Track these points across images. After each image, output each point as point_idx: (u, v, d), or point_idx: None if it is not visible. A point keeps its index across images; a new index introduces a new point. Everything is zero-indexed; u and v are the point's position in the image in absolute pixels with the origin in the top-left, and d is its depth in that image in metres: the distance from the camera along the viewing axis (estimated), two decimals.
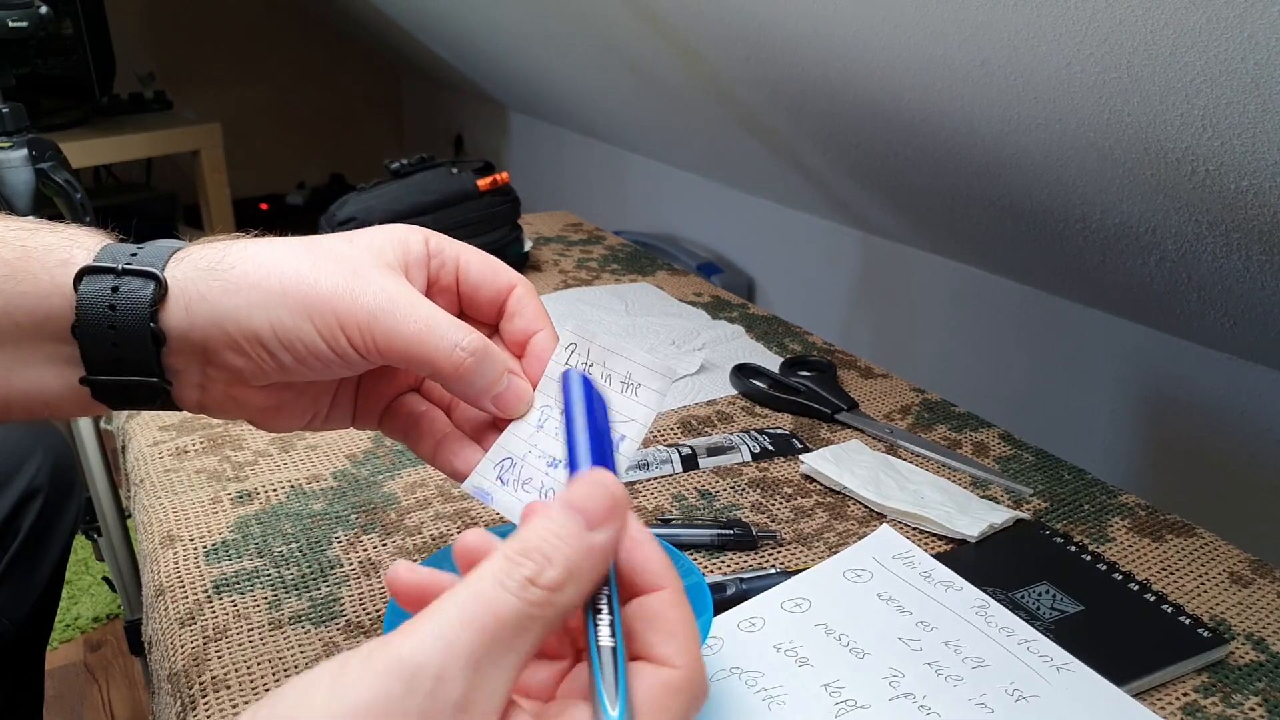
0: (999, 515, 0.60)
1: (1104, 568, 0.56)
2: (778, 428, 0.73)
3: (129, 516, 0.86)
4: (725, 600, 0.51)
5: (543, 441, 0.40)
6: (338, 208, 0.98)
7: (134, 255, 0.37)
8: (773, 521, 0.61)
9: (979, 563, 0.56)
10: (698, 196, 1.86)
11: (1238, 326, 0.91)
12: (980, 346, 1.31)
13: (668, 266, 1.11)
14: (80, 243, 0.38)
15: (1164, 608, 0.52)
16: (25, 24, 1.06)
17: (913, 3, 0.76)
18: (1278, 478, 0.96)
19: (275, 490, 0.63)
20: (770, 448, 0.69)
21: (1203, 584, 0.56)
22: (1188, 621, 0.51)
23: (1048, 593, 0.53)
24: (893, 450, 0.70)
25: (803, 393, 0.76)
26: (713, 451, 0.68)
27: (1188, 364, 1.03)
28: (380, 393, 0.43)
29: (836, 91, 0.99)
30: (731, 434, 0.71)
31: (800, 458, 0.67)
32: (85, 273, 0.36)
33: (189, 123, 2.35)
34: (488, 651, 0.25)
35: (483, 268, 0.41)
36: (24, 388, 0.37)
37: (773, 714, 0.43)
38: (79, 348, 0.37)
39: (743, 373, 0.80)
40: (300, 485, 0.64)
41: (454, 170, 1.03)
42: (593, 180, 2.24)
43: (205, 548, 0.57)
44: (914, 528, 0.60)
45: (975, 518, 0.59)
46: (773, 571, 0.54)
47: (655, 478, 0.65)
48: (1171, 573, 0.57)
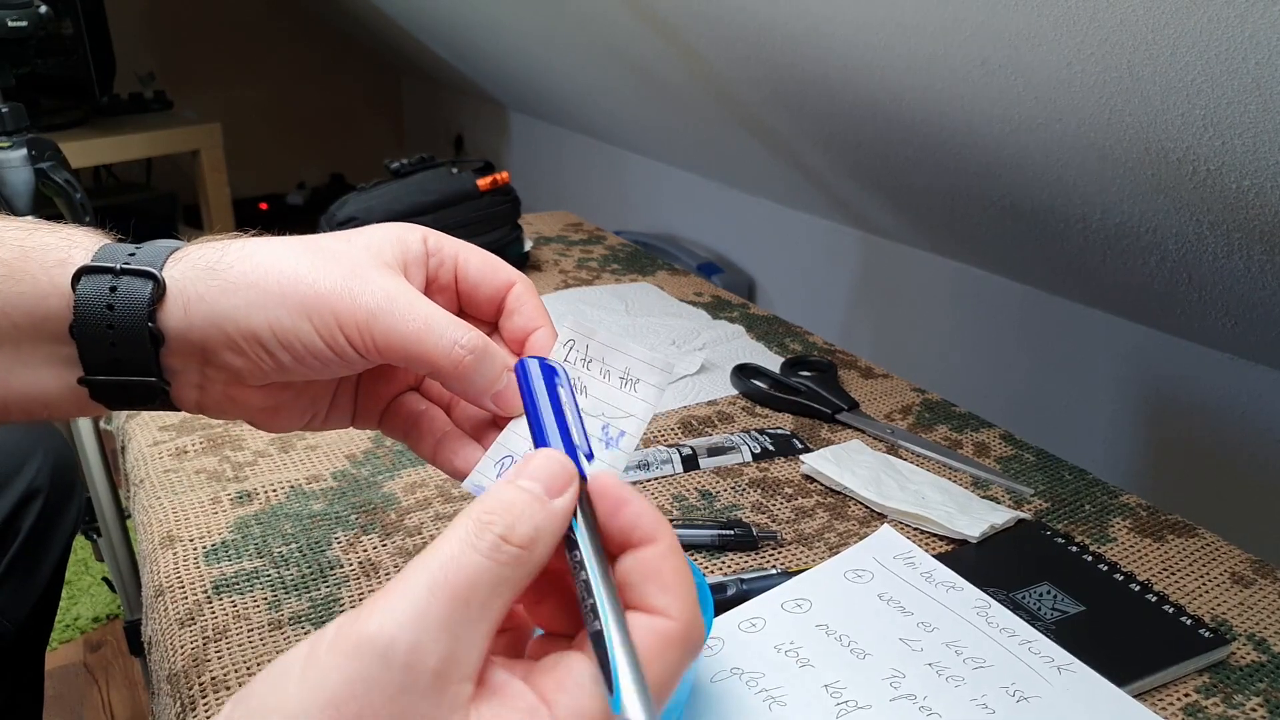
0: (1000, 515, 0.60)
1: (1105, 568, 0.55)
2: (778, 428, 0.72)
3: (129, 517, 0.86)
4: (726, 601, 0.51)
5: None
6: (338, 208, 0.98)
7: (132, 255, 0.37)
8: (773, 522, 0.61)
9: (980, 563, 0.56)
10: (698, 196, 1.86)
11: (1239, 326, 0.91)
12: (981, 346, 1.31)
13: (668, 266, 1.11)
14: (78, 243, 0.38)
15: (1165, 608, 0.52)
16: (25, 24, 1.06)
17: (913, 3, 0.76)
18: (1279, 478, 0.96)
19: (275, 490, 0.63)
20: (771, 448, 0.69)
21: (1204, 584, 0.56)
22: (1189, 622, 0.51)
23: (1049, 593, 0.53)
24: (893, 450, 0.70)
25: (803, 393, 0.76)
26: (713, 452, 0.68)
27: (1189, 364, 1.03)
28: (380, 392, 0.43)
29: (837, 91, 0.99)
30: (732, 434, 0.71)
31: (801, 458, 0.67)
32: (83, 273, 0.36)
33: (189, 123, 2.35)
34: (462, 616, 0.25)
35: (481, 266, 0.41)
36: (22, 388, 0.37)
37: (773, 714, 0.43)
38: (77, 348, 0.37)
39: (743, 373, 0.79)
40: (300, 485, 0.64)
41: (454, 170, 1.02)
42: (593, 180, 2.24)
43: (205, 548, 0.57)
44: (915, 528, 0.60)
45: (976, 518, 0.59)
46: (773, 572, 0.54)
47: (656, 478, 0.65)
48: (1173, 573, 0.57)
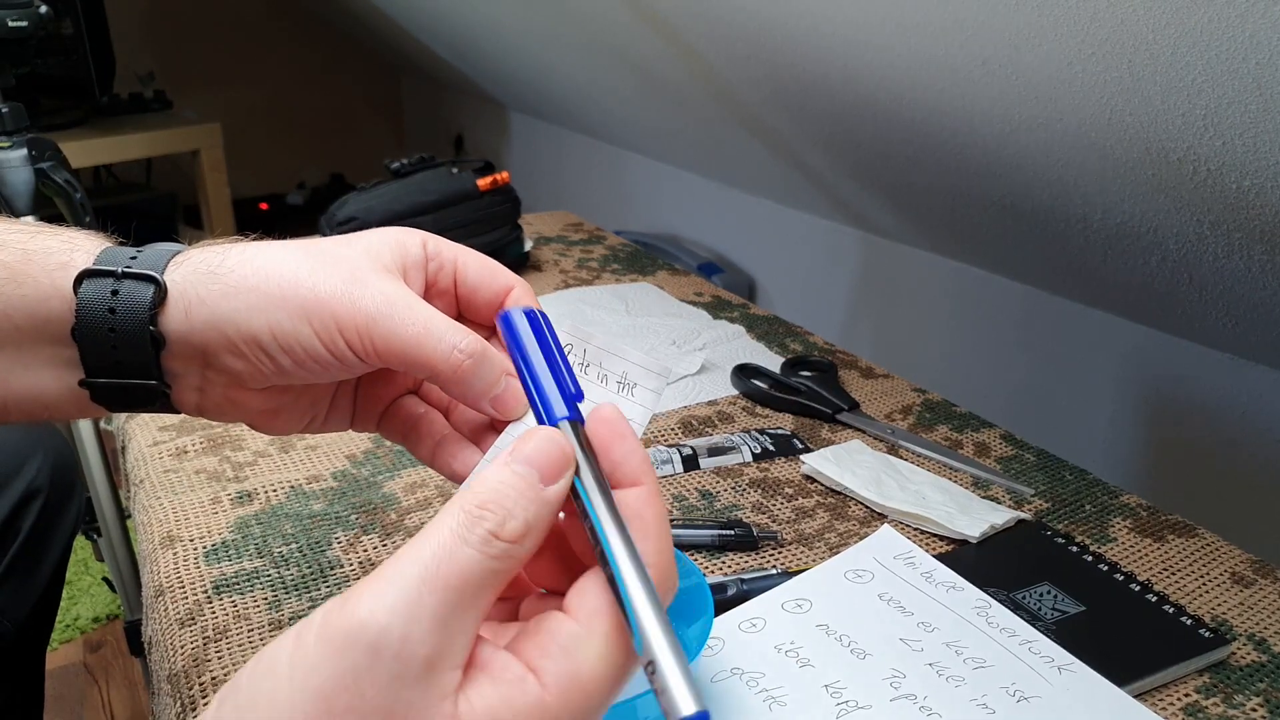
0: (1000, 515, 0.60)
1: (1105, 568, 0.55)
2: (779, 428, 0.72)
3: (129, 517, 0.86)
4: (726, 601, 0.51)
5: None
6: (338, 208, 0.98)
7: (133, 259, 0.37)
8: (774, 522, 0.61)
9: (980, 563, 0.56)
10: (698, 196, 1.86)
11: (1239, 326, 0.91)
12: (981, 346, 1.31)
13: (668, 266, 1.11)
14: (79, 246, 0.38)
15: (1165, 608, 0.52)
16: (25, 24, 1.06)
17: (913, 2, 0.76)
18: (1279, 478, 0.96)
19: (275, 491, 0.63)
20: (771, 448, 0.69)
21: (1204, 584, 0.56)
22: (1189, 622, 0.51)
23: (1049, 593, 0.53)
24: (894, 450, 0.70)
25: (804, 393, 0.76)
26: (714, 452, 0.68)
27: (1189, 364, 1.03)
28: (378, 395, 0.43)
29: (837, 91, 0.99)
30: (732, 434, 0.71)
31: (801, 458, 0.67)
32: (85, 276, 0.36)
33: (189, 123, 2.35)
34: (453, 608, 0.25)
35: (480, 270, 0.41)
36: (23, 390, 0.37)
37: (774, 715, 0.43)
38: (78, 350, 0.37)
39: (743, 373, 0.79)
40: (300, 485, 0.64)
41: (454, 170, 1.02)
42: (593, 180, 2.24)
43: (205, 548, 0.57)
44: (915, 528, 0.60)
45: (976, 518, 0.59)
46: (774, 572, 0.54)
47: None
48: (1173, 573, 0.57)
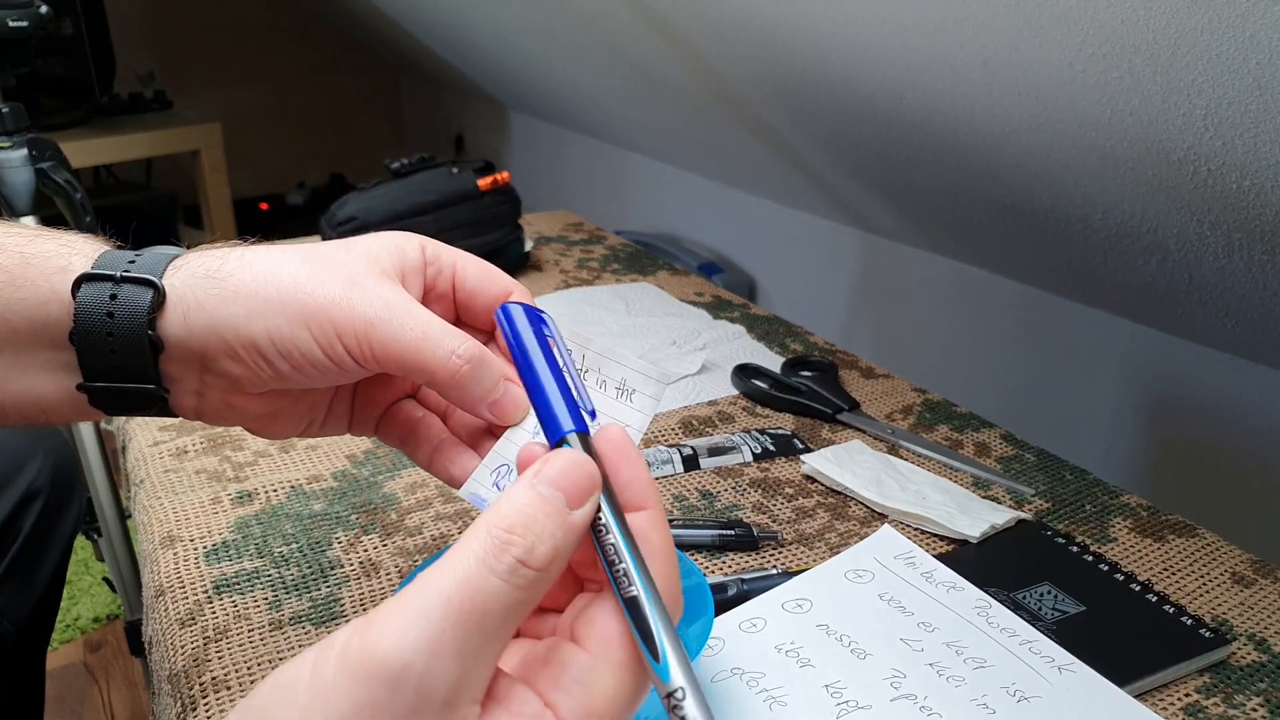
0: (1000, 515, 0.60)
1: (1106, 568, 0.55)
2: (779, 428, 0.72)
3: (129, 517, 0.86)
4: (726, 601, 0.51)
5: None
6: (338, 208, 0.98)
7: (132, 262, 0.37)
8: (774, 522, 0.61)
9: (980, 563, 0.56)
10: (699, 196, 1.86)
11: (1239, 326, 0.91)
12: (982, 346, 1.31)
13: (668, 266, 1.11)
14: (78, 249, 0.38)
15: (1166, 608, 0.52)
16: (25, 24, 1.06)
17: (914, 2, 0.76)
18: (1279, 478, 0.96)
19: (275, 491, 0.63)
20: (771, 448, 0.69)
21: (1204, 584, 0.56)
22: (1189, 622, 0.51)
23: (1049, 593, 0.53)
24: (894, 450, 0.70)
25: (804, 393, 0.76)
26: (714, 452, 0.68)
27: (1189, 364, 1.03)
28: (376, 399, 0.43)
29: (838, 91, 0.99)
30: (733, 434, 0.71)
31: (801, 458, 0.67)
32: (84, 280, 0.36)
33: (189, 123, 2.35)
34: (476, 642, 0.25)
35: (479, 274, 0.41)
36: (20, 393, 0.37)
37: (774, 715, 0.43)
38: (77, 354, 0.37)
39: (744, 373, 0.79)
40: (300, 486, 0.64)
41: (454, 170, 1.02)
42: (594, 180, 2.24)
43: (205, 548, 0.57)
44: (915, 528, 0.60)
45: (977, 518, 0.59)
46: (774, 572, 0.54)
47: (656, 478, 0.65)
48: (1173, 573, 0.57)
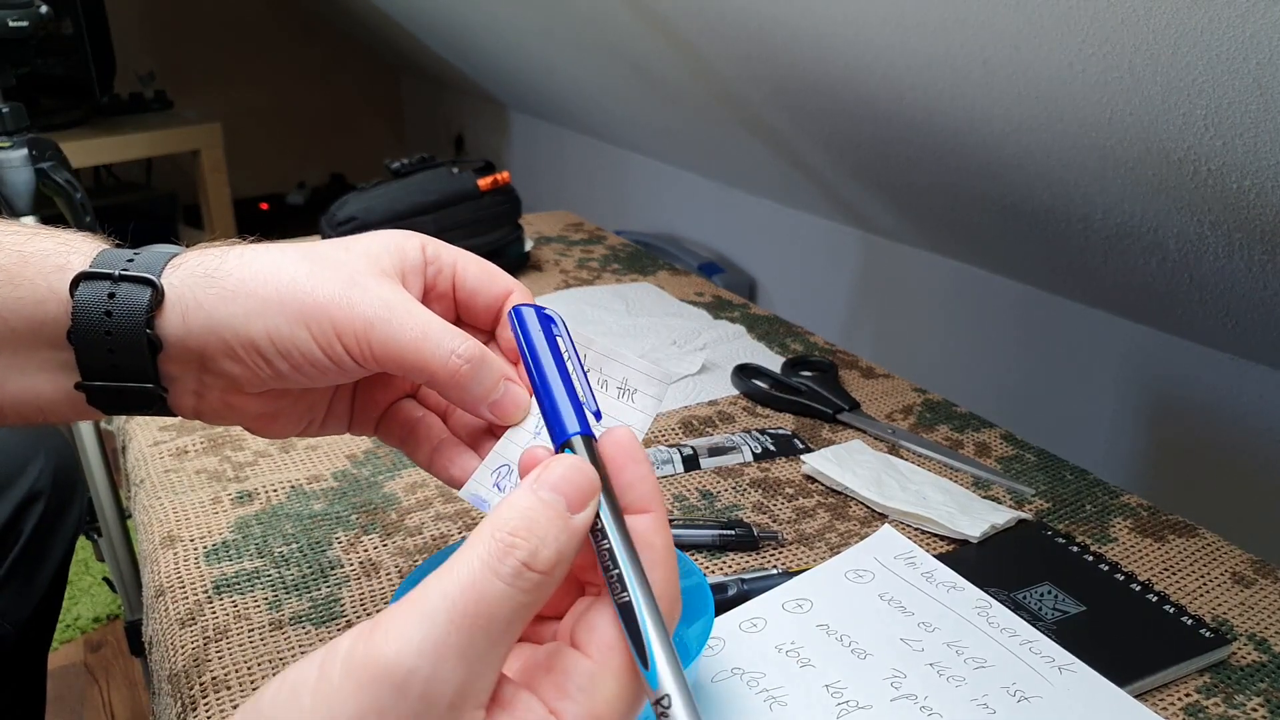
0: (1001, 515, 0.60)
1: (1106, 568, 0.55)
2: (779, 428, 0.72)
3: (129, 517, 0.86)
4: (727, 601, 0.51)
5: None
6: (338, 208, 0.98)
7: (130, 261, 0.37)
8: (774, 522, 0.61)
9: (981, 563, 0.56)
10: (699, 196, 1.86)
11: (1239, 327, 0.91)
12: (982, 346, 1.31)
13: (669, 266, 1.11)
14: (76, 248, 0.38)
15: (1166, 608, 0.52)
16: (25, 24, 1.06)
17: (914, 2, 0.75)
18: (1279, 478, 0.96)
19: (275, 490, 0.63)
20: (772, 448, 0.69)
21: (1205, 584, 0.56)
22: (1190, 622, 0.51)
23: (1050, 593, 0.53)
24: (894, 450, 0.70)
25: (804, 393, 0.76)
26: (714, 452, 0.68)
27: (1190, 364, 1.03)
28: (376, 399, 0.43)
29: (838, 90, 0.99)
30: (733, 434, 0.71)
31: (802, 458, 0.67)
32: (82, 279, 0.36)
33: (189, 123, 2.35)
34: (481, 646, 0.25)
35: (479, 274, 0.41)
36: (19, 392, 0.37)
37: (774, 715, 0.43)
38: (75, 353, 0.37)
39: (744, 373, 0.79)
40: (300, 485, 0.64)
41: (454, 170, 1.02)
42: (594, 180, 2.24)
43: (205, 548, 0.57)
44: (916, 528, 0.60)
45: (977, 518, 0.59)
46: (774, 572, 0.53)
47: (656, 478, 0.65)
48: (1174, 573, 0.57)
